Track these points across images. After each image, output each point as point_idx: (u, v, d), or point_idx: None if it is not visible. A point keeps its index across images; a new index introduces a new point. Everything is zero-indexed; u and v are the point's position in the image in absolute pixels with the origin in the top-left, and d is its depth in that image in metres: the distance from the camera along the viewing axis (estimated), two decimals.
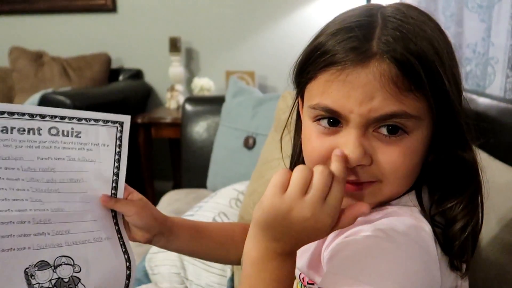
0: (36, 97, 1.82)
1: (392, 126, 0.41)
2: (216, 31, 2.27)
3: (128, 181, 0.57)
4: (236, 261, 0.75)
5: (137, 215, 0.56)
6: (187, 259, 0.86)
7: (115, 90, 2.12)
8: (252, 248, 0.40)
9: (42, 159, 0.49)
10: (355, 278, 0.40)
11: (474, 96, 0.84)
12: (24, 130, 0.47)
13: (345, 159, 0.39)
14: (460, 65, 0.46)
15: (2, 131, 0.46)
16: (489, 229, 0.60)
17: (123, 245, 0.56)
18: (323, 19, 0.48)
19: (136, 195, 0.58)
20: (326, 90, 0.42)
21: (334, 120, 0.43)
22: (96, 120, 0.52)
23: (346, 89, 0.40)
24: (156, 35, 2.30)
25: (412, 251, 0.41)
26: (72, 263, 0.50)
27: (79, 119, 0.51)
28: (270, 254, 0.39)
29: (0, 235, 0.45)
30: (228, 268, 0.87)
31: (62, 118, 0.50)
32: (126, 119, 0.54)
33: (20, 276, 0.46)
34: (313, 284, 0.52)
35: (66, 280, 0.49)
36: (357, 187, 0.44)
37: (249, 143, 1.35)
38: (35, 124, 0.48)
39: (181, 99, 2.09)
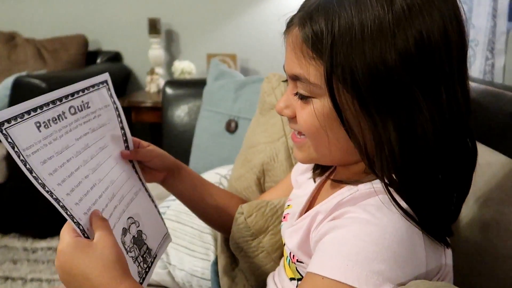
0: (9, 80, 1.76)
1: (298, 93, 0.48)
2: (197, 12, 2.22)
3: None
4: (225, 229, 0.74)
5: (156, 158, 0.65)
6: (169, 244, 0.85)
7: (93, 73, 2.05)
8: None
9: (77, 139, 0.51)
10: (343, 260, 0.40)
11: None
12: (56, 119, 0.48)
13: None
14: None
15: (44, 126, 0.46)
16: (467, 208, 0.61)
17: (147, 190, 0.65)
18: None
19: (143, 141, 0.65)
20: None
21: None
22: (92, 86, 0.56)
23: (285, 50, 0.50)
24: (135, 16, 2.24)
25: (399, 233, 0.41)
26: (133, 221, 0.58)
27: (83, 90, 0.54)
28: None
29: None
30: (211, 252, 0.87)
31: (72, 95, 0.52)
32: (106, 76, 0.60)
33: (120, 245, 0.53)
34: (302, 262, 0.52)
35: (136, 236, 0.57)
36: (295, 137, 0.53)
37: (231, 127, 1.34)
38: (59, 109, 0.49)
39: (162, 82, 2.05)
